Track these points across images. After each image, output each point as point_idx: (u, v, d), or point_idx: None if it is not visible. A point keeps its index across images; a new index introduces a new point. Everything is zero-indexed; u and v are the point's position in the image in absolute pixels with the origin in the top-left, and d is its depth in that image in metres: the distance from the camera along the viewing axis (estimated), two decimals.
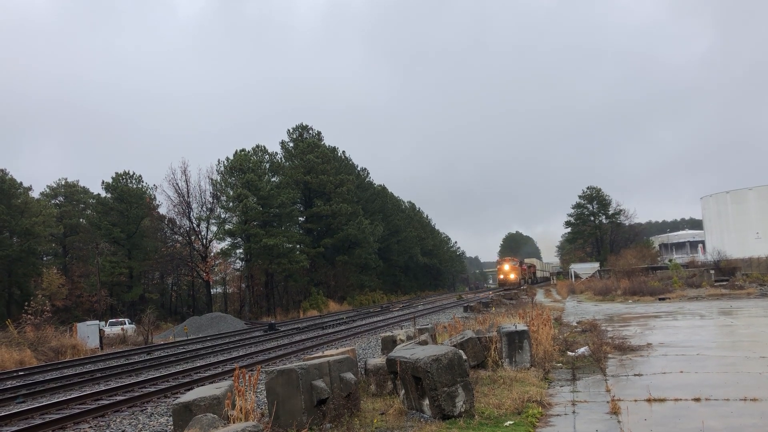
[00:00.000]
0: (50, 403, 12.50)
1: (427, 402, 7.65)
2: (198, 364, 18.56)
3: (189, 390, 12.08)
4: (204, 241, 58.87)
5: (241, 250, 60.55)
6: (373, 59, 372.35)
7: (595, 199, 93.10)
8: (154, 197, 61.15)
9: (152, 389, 13.99)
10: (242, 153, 61.13)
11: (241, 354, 21.09)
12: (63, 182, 69.21)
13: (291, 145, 72.61)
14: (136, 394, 13.23)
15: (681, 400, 8.26)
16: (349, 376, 8.13)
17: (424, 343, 11.48)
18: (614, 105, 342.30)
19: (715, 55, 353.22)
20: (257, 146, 64.16)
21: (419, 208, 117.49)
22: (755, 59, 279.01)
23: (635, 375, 10.41)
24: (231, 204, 58.53)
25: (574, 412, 8.04)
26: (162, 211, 61.85)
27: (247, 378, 8.09)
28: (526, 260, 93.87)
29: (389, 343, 12.77)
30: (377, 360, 10.35)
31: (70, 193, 68.37)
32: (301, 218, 68.88)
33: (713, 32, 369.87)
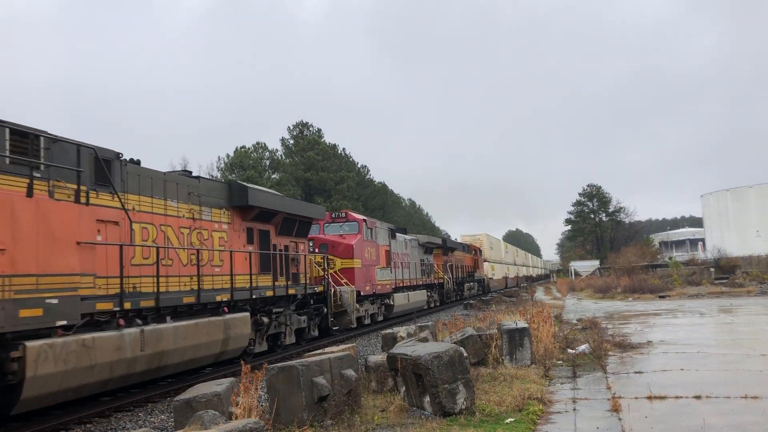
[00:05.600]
0: None
1: (427, 399, 7.66)
2: None
3: (190, 387, 12.07)
4: None
5: None
6: (375, 54, 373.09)
7: (595, 196, 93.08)
8: None
9: (152, 385, 13.96)
10: (242, 150, 61.21)
11: None
12: None
13: (291, 142, 72.54)
14: (136, 390, 13.20)
15: (682, 397, 8.27)
16: (350, 373, 8.13)
17: (425, 340, 11.47)
18: (617, 101, 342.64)
19: (721, 54, 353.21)
20: (257, 143, 64.35)
21: (419, 205, 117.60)
22: (761, 58, 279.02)
23: (636, 372, 10.42)
24: None
25: (574, 410, 8.04)
26: None
27: (248, 375, 8.09)
28: (472, 241, 46.01)
29: (390, 340, 12.75)
30: (378, 357, 10.34)
31: None
32: None
33: (720, 30, 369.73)
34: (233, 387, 8.01)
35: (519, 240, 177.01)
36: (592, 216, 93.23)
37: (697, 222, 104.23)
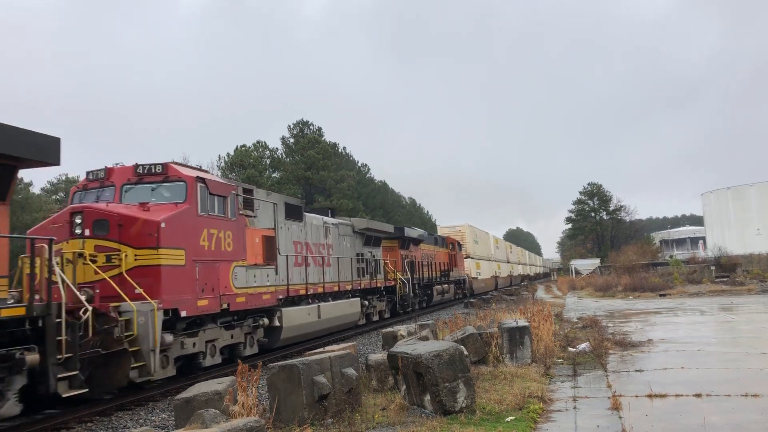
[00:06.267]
0: None
1: (428, 397, 7.66)
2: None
3: (190, 385, 12.09)
4: None
5: None
6: (375, 53, 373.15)
7: (595, 195, 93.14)
8: None
9: (153, 384, 13.97)
10: (243, 149, 61.22)
11: None
12: (64, 178, 69.08)
13: (291, 140, 72.55)
14: (137, 389, 13.21)
15: (682, 395, 8.26)
16: (351, 371, 8.14)
17: (425, 338, 11.47)
18: (618, 100, 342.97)
19: (722, 52, 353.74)
20: (258, 142, 64.32)
21: (420, 204, 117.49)
22: (761, 56, 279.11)
23: (636, 371, 10.42)
24: None
25: (575, 408, 8.05)
26: None
27: (248, 373, 8.10)
28: (451, 233, 40.51)
29: (390, 339, 12.75)
30: (378, 355, 10.35)
31: (71, 188, 68.25)
32: None
33: (721, 29, 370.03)
34: (234, 386, 8.02)
35: (519, 238, 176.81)
36: (593, 214, 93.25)
37: (697, 220, 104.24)
